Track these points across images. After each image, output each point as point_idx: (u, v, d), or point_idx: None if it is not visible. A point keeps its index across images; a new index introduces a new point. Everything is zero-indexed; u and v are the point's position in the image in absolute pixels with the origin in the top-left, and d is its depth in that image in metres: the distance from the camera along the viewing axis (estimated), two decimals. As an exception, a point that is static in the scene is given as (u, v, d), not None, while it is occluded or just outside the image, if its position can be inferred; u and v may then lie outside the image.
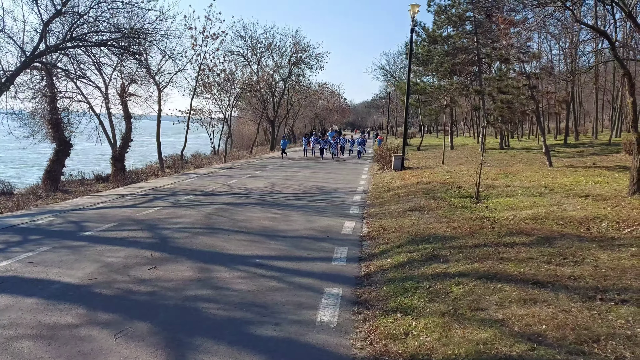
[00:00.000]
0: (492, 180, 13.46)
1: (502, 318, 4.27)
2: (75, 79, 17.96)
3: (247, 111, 44.41)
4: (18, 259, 6.68)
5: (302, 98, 46.46)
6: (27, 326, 4.43)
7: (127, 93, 22.30)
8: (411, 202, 10.79)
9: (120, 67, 20.82)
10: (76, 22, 15.29)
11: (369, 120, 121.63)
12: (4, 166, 32.87)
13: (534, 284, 4.99)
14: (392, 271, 6.09)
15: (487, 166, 18.62)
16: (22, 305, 4.94)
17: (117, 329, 4.41)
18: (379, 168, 20.67)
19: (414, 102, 39.16)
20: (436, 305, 4.74)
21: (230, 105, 34.83)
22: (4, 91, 14.40)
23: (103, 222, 9.43)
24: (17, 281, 5.73)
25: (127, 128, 22.12)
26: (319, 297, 5.35)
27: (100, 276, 5.95)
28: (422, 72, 35.22)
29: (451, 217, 8.75)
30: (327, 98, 63.09)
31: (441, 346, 3.90)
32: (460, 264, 5.91)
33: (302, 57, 40.60)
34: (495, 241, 6.79)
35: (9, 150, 36.08)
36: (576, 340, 3.75)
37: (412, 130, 66.67)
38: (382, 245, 7.56)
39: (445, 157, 23.23)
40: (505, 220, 8.21)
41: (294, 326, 4.56)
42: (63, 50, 15.76)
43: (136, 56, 18.05)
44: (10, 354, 3.89)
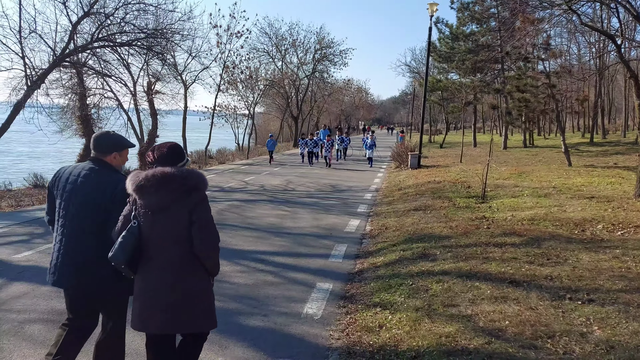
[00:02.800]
0: (503, 180, 13.58)
1: (470, 314, 4.57)
2: (103, 76, 18.76)
3: (271, 107, 45.03)
4: (39, 250, 7.29)
5: (326, 95, 46.79)
6: (40, 312, 4.95)
7: (153, 91, 23.11)
8: (418, 202, 11.06)
9: (146, 66, 21.65)
10: (103, 23, 16.03)
11: (396, 117, 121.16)
12: (44, 161, 34.25)
13: (510, 283, 5.26)
14: (383, 268, 6.42)
15: (504, 165, 18.65)
16: (38, 293, 5.47)
17: (119, 315, 4.88)
18: (396, 166, 20.88)
19: (437, 100, 39.04)
20: (414, 301, 5.06)
21: (255, 102, 35.46)
22: (36, 89, 15.19)
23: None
24: (36, 270, 6.29)
25: (153, 124, 22.94)
26: (310, 292, 5.71)
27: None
28: (446, 69, 35.11)
29: (452, 217, 8.99)
30: (352, 94, 63.29)
31: (408, 338, 4.23)
32: (446, 262, 6.20)
33: (326, 53, 40.90)
34: (486, 241, 7.03)
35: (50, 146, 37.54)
36: (532, 336, 4.03)
37: (438, 127, 66.38)
38: (380, 243, 7.88)
39: (465, 155, 23.26)
40: (503, 220, 8.42)
41: (281, 317, 4.94)
42: (91, 50, 16.53)
43: (160, 56, 18.75)
44: (21, 336, 4.40)
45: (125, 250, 2.85)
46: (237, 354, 4.15)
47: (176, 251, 2.90)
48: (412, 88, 59.18)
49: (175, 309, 2.89)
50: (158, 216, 2.87)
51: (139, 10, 16.63)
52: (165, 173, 2.84)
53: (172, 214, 2.87)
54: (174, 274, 2.90)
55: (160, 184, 2.83)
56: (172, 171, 2.86)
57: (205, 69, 27.08)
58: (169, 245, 2.90)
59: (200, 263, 2.95)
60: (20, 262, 6.65)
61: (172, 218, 2.87)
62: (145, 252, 2.93)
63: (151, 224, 2.89)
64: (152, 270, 2.92)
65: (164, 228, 2.88)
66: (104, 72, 17.90)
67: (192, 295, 2.95)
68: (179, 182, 2.85)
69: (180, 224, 2.87)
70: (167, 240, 2.89)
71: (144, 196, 2.87)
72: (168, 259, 2.90)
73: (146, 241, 2.91)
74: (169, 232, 2.89)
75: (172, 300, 2.88)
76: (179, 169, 2.92)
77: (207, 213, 2.96)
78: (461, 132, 59.68)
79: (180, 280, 2.90)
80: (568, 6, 9.19)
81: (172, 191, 2.85)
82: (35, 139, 38.87)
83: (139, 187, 2.85)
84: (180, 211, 2.87)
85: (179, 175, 2.86)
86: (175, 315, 2.90)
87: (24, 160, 35.07)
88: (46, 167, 26.96)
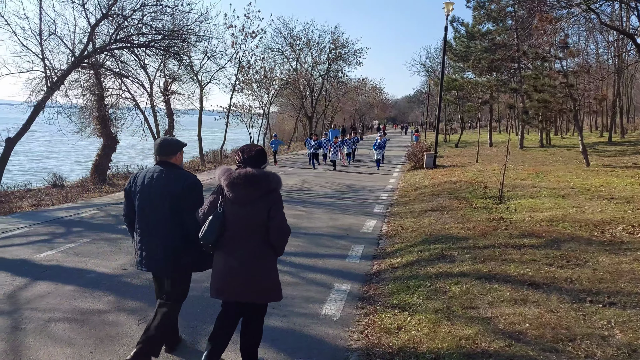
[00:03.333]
0: (520, 180, 13.46)
1: (490, 316, 4.56)
2: (121, 77, 18.96)
3: (285, 107, 45.10)
4: (61, 250, 7.42)
5: (340, 94, 46.75)
6: (64, 311, 5.05)
7: (170, 91, 23.32)
8: (434, 202, 11.02)
9: (162, 67, 21.86)
10: (121, 24, 16.21)
11: (410, 115, 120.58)
12: (61, 160, 34.77)
13: (529, 285, 5.24)
14: (401, 269, 6.42)
15: (521, 165, 18.49)
16: (61, 292, 5.58)
17: (141, 315, 4.96)
18: (412, 166, 20.80)
19: (452, 99, 38.77)
20: (432, 302, 5.06)
21: (269, 102, 35.58)
22: (55, 90, 15.41)
23: (140, 216, 10.13)
24: (59, 270, 6.42)
25: (169, 124, 23.16)
26: (328, 292, 5.74)
27: (132, 267, 6.56)
28: (461, 67, 34.88)
29: (469, 218, 8.95)
30: (367, 93, 63.16)
31: (428, 340, 4.24)
32: (464, 264, 6.18)
33: (340, 53, 40.86)
34: (505, 243, 7.00)
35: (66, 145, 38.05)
36: (553, 339, 4.01)
37: (453, 126, 65.94)
38: (397, 244, 7.88)
39: (481, 154, 23.09)
40: (521, 222, 8.36)
41: (300, 318, 4.98)
42: (109, 51, 16.72)
43: (177, 56, 18.90)
44: (46, 334, 4.49)
45: (213, 232, 3.49)
46: (258, 354, 4.19)
47: (253, 237, 3.54)
48: (427, 87, 58.85)
49: (251, 283, 3.56)
50: (242, 208, 3.50)
51: (156, 11, 16.79)
52: (255, 175, 3.48)
53: (254, 207, 3.49)
54: (251, 255, 3.55)
55: (249, 182, 3.45)
56: (259, 173, 3.50)
57: (220, 69, 27.26)
58: (247, 232, 3.53)
59: (270, 247, 3.59)
60: (43, 262, 6.77)
61: (253, 211, 3.49)
62: (226, 234, 3.55)
63: (235, 213, 3.51)
64: (232, 251, 3.56)
65: (246, 218, 3.51)
66: (121, 73, 18.09)
67: (264, 272, 3.60)
68: (264, 183, 3.48)
69: (259, 216, 3.50)
70: (247, 227, 3.52)
71: (233, 190, 3.48)
72: (246, 242, 3.54)
73: (228, 226, 3.53)
74: (249, 221, 3.52)
75: (249, 275, 3.55)
76: (263, 171, 3.56)
77: (282, 210, 3.59)
78: (476, 131, 59.27)
79: (255, 260, 3.56)
80: (587, 5, 9.09)
81: (257, 190, 3.47)
82: (52, 139, 39.44)
83: (231, 182, 3.48)
84: (261, 206, 3.49)
85: (264, 178, 3.50)
86: (250, 288, 3.58)
87: (41, 159, 35.61)
88: (64, 167, 27.37)
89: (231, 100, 30.79)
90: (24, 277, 6.07)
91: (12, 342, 4.32)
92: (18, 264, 6.66)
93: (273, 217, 3.50)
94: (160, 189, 3.79)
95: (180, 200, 3.78)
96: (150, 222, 3.85)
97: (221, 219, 3.51)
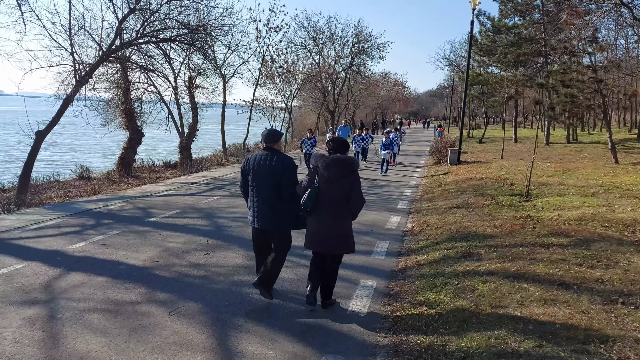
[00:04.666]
0: (547, 178, 13.26)
1: (520, 316, 4.53)
2: (147, 71, 19.20)
3: (308, 101, 45.10)
4: (92, 241, 7.59)
5: (362, 88, 46.55)
6: (97, 301, 5.18)
7: (194, 85, 23.52)
8: (459, 199, 10.94)
9: (187, 61, 22.07)
10: (148, 19, 16.40)
11: (433, 110, 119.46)
12: (87, 153, 35.42)
13: (559, 285, 5.18)
14: (427, 267, 6.41)
15: (547, 162, 18.19)
16: (94, 283, 5.72)
17: (171, 307, 5.06)
18: (435, 162, 20.65)
19: (477, 94, 38.28)
20: (460, 301, 5.05)
21: (292, 96, 35.63)
22: (84, 84, 15.68)
23: (167, 209, 10.30)
24: (91, 261, 6.57)
25: (193, 118, 23.36)
26: (354, 288, 5.77)
27: (161, 259, 6.69)
28: (486, 62, 34.38)
29: (495, 216, 8.87)
30: (389, 88, 62.74)
31: (457, 339, 4.23)
32: (492, 262, 6.14)
33: (363, 47, 40.65)
34: (533, 241, 6.92)
35: (91, 138, 38.70)
36: (584, 340, 3.97)
37: (477, 121, 65.10)
38: (422, 241, 7.86)
39: (506, 150, 22.77)
40: (549, 220, 8.24)
41: (327, 313, 5.02)
42: (136, 46, 16.94)
43: (202, 51, 19.06)
44: (82, 324, 4.62)
45: (311, 200, 4.85)
46: (287, 347, 4.25)
47: (338, 205, 4.86)
48: (450, 81, 58.19)
49: (335, 238, 4.91)
50: (332, 183, 4.83)
51: (182, 6, 16.94)
52: (343, 159, 4.83)
53: (341, 183, 4.82)
54: (336, 218, 4.89)
55: (339, 164, 4.79)
56: (345, 158, 4.85)
57: (244, 63, 27.43)
58: (335, 201, 4.85)
59: (349, 213, 4.94)
60: (75, 253, 6.94)
61: (340, 186, 4.82)
62: (320, 202, 4.88)
63: (326, 187, 4.85)
64: (323, 215, 4.89)
65: (334, 191, 4.84)
66: (147, 67, 18.31)
67: (344, 231, 4.95)
68: (349, 165, 4.82)
69: (344, 190, 4.83)
70: (334, 198, 4.85)
71: (327, 170, 4.80)
72: (333, 209, 4.87)
73: (321, 196, 4.87)
74: (336, 193, 4.84)
75: (334, 233, 4.90)
76: (348, 156, 4.92)
77: (360, 185, 4.91)
78: (500, 127, 58.48)
79: (339, 222, 4.90)
80: (620, 0, 8.85)
81: (344, 170, 4.79)
82: (78, 132, 40.14)
83: (326, 164, 4.82)
84: (346, 182, 4.82)
85: (349, 162, 4.84)
86: (335, 242, 4.92)
87: (67, 152, 36.28)
88: (89, 160, 27.86)
89: (254, 94, 30.94)
90: (58, 268, 6.24)
91: (49, 330, 4.45)
92: (52, 254, 6.85)
93: (354, 190, 4.82)
94: (266, 167, 5.03)
95: (280, 176, 5.01)
96: (260, 191, 5.09)
97: (316, 191, 4.86)
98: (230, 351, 4.16)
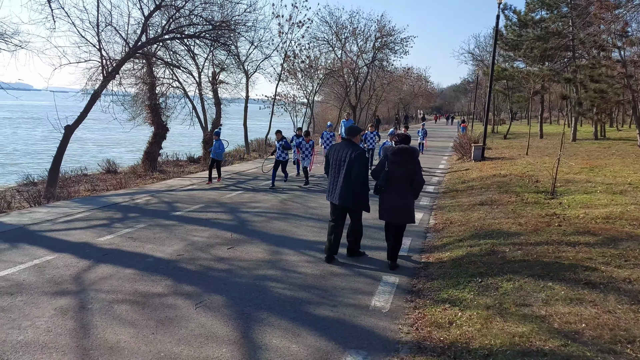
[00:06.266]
0: (573, 175, 13.03)
1: (544, 315, 4.48)
2: (172, 67, 19.43)
3: (329, 96, 45.03)
4: (119, 234, 7.77)
5: (385, 83, 46.27)
6: (125, 293, 5.31)
7: (218, 80, 23.72)
8: (483, 196, 10.83)
9: (211, 57, 22.26)
10: (173, 15, 16.60)
11: (456, 105, 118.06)
12: (112, 148, 36.04)
13: (585, 284, 5.11)
14: (450, 264, 6.38)
15: (574, 159, 17.86)
16: (122, 275, 5.86)
17: (197, 299, 5.16)
18: (458, 158, 20.46)
19: (502, 89, 37.70)
20: (484, 298, 5.03)
21: (314, 91, 35.65)
22: (111, 79, 15.96)
23: (191, 203, 10.46)
24: (118, 253, 6.73)
25: (217, 113, 23.58)
26: (376, 285, 5.79)
27: (186, 253, 6.81)
28: (512, 57, 33.79)
29: (520, 213, 8.77)
30: (412, 82, 62.23)
31: (480, 336, 4.22)
32: (516, 260, 6.08)
33: (386, 41, 40.34)
34: (559, 240, 6.82)
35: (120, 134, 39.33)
36: (611, 340, 3.92)
37: (501, 116, 64.12)
38: (445, 238, 7.82)
39: (531, 147, 22.41)
40: (576, 218, 8.11)
41: (349, 309, 5.05)
42: (161, 42, 17.17)
43: (225, 46, 19.21)
44: (111, 315, 4.75)
45: (385, 181, 6.27)
46: (310, 342, 4.29)
47: (404, 184, 6.29)
48: (474, 76, 57.39)
49: (401, 211, 6.32)
50: (399, 167, 6.24)
51: (206, 2, 17.09)
52: (407, 148, 6.31)
53: (406, 166, 6.24)
54: (402, 195, 6.31)
55: (404, 153, 6.27)
56: (409, 147, 6.33)
57: (266, 58, 27.50)
58: (401, 181, 6.27)
59: (412, 191, 6.34)
60: (103, 245, 7.12)
61: (405, 169, 6.23)
62: (390, 183, 6.28)
63: (394, 170, 6.25)
64: (392, 192, 6.31)
65: (401, 173, 6.24)
66: (172, 63, 18.54)
67: (409, 205, 6.37)
68: (411, 152, 6.29)
69: (408, 172, 6.23)
70: (401, 179, 6.26)
71: (395, 157, 6.26)
72: (401, 187, 6.29)
73: (390, 178, 6.26)
74: (402, 175, 6.25)
75: (402, 207, 6.32)
76: (411, 146, 6.39)
77: (420, 169, 6.33)
78: (525, 122, 57.50)
79: (405, 197, 6.33)
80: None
81: (408, 156, 6.26)
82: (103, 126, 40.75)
83: (395, 152, 6.28)
84: (409, 165, 6.23)
85: (412, 150, 6.31)
86: (401, 214, 6.34)
87: (92, 147, 36.93)
88: (114, 154, 28.32)
89: (276, 90, 31.06)
90: (87, 260, 6.41)
91: (80, 320, 4.59)
92: (81, 246, 7.03)
93: (416, 172, 6.25)
94: (343, 155, 6.37)
95: (353, 162, 6.25)
96: (338, 173, 6.44)
97: (388, 174, 6.25)
98: (254, 344, 4.23)
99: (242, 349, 4.14)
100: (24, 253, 6.67)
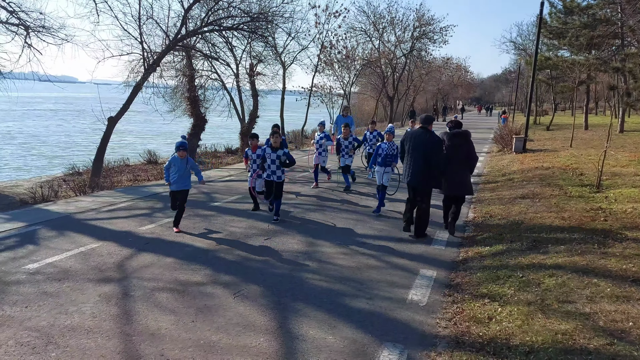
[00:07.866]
0: (621, 168, 12.52)
1: (589, 312, 4.34)
2: (210, 59, 19.66)
3: (366, 87, 44.69)
4: (160, 223, 7.96)
5: (423, 73, 45.58)
6: (166, 281, 5.44)
7: (255, 72, 23.89)
8: (524, 189, 10.55)
9: (249, 48, 22.41)
10: (212, 8, 16.78)
11: (497, 96, 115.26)
12: (152, 140, 36.89)
13: (633, 282, 4.92)
14: (489, 258, 6.26)
15: (621, 151, 17.15)
16: (162, 263, 6.01)
17: (235, 289, 5.24)
18: (499, 150, 19.97)
19: (545, 79, 36.52)
20: (524, 294, 4.90)
21: (351, 82, 35.44)
22: (152, 72, 16.30)
23: (229, 194, 10.61)
24: (159, 242, 6.90)
25: (254, 105, 23.76)
26: (413, 278, 5.73)
27: (224, 243, 6.92)
28: (556, 45, 32.61)
29: (563, 207, 8.50)
30: (451, 73, 61.05)
31: (521, 333, 4.12)
32: (559, 256, 5.90)
33: (425, 31, 39.71)
34: (604, 235, 6.58)
35: (160, 126, 40.24)
36: (661, 342, 3.76)
37: (544, 107, 62.15)
38: (485, 231, 7.66)
39: (575, 138, 21.65)
40: (623, 213, 7.81)
41: (385, 302, 5.02)
42: (200, 34, 17.40)
43: (263, 38, 19.29)
44: (153, 302, 4.88)
45: (445, 164, 7.26)
46: (346, 334, 4.29)
47: (463, 163, 7.40)
48: (516, 66, 55.81)
49: (462, 185, 7.44)
50: (457, 149, 7.35)
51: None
52: (463, 132, 7.49)
53: (463, 148, 7.36)
54: (462, 172, 7.42)
55: (461, 136, 7.45)
56: (464, 131, 7.51)
57: (303, 49, 27.46)
58: (460, 161, 7.37)
59: (469, 168, 7.52)
60: (145, 234, 7.31)
61: (462, 150, 7.36)
62: (450, 162, 7.32)
63: (453, 152, 7.34)
64: (453, 171, 7.35)
65: (459, 154, 7.34)
66: (211, 55, 18.77)
67: (468, 179, 7.53)
68: (466, 135, 7.46)
69: (465, 152, 7.36)
70: (460, 159, 7.36)
71: (453, 141, 7.39)
72: (459, 166, 7.38)
73: (450, 160, 7.31)
74: (460, 156, 7.34)
75: (459, 181, 7.41)
76: (465, 130, 7.54)
77: (474, 148, 7.50)
78: (569, 113, 55.59)
79: (464, 173, 7.46)
80: None
81: (464, 139, 7.42)
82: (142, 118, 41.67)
83: (451, 136, 7.46)
84: (465, 147, 7.38)
85: (466, 134, 7.48)
86: (461, 187, 7.45)
87: (134, 138, 37.86)
88: (152, 146, 28.96)
89: (313, 81, 31.04)
90: (129, 248, 6.60)
91: (123, 307, 4.73)
92: (124, 235, 7.25)
93: (470, 152, 7.40)
94: (420, 141, 7.19)
95: (429, 148, 7.09)
96: (414, 158, 7.20)
97: (447, 156, 7.29)
98: (291, 334, 4.26)
99: (279, 339, 4.18)
100: (71, 240, 6.92)
